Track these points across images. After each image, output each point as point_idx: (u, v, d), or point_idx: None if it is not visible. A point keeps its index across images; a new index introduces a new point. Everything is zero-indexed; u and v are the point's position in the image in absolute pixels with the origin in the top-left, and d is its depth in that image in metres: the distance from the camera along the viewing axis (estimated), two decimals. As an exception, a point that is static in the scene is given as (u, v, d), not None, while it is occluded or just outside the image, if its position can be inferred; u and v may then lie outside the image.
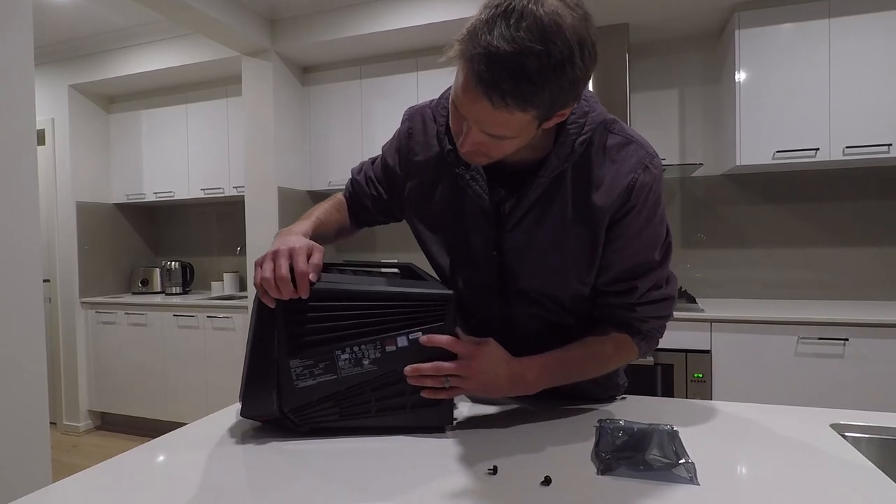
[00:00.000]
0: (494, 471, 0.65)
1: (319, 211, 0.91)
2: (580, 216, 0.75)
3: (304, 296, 0.70)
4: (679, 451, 0.69)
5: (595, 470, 0.66)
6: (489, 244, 0.80)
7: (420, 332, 0.75)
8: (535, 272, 0.80)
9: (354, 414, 0.76)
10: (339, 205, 0.98)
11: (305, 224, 0.83)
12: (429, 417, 0.78)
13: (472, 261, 0.83)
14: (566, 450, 0.72)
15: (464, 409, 0.89)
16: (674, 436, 0.74)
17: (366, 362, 0.74)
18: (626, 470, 0.65)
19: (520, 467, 0.66)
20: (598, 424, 0.80)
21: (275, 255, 0.70)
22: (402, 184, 0.89)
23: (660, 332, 0.86)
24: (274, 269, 0.69)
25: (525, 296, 0.83)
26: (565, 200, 0.75)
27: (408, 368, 0.73)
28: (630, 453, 0.70)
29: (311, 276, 0.70)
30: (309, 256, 0.72)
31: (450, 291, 0.76)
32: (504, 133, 0.63)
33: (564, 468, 0.66)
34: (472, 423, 0.83)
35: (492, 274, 0.82)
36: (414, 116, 0.88)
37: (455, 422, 0.81)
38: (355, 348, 0.74)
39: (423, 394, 0.75)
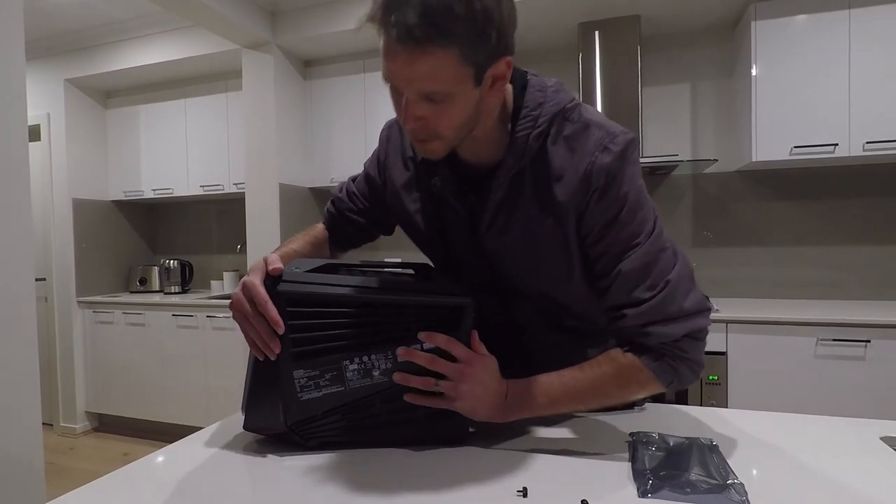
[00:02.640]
0: (524, 493, 0.59)
1: (292, 244, 0.89)
2: (545, 212, 0.71)
3: (280, 330, 0.66)
4: (725, 470, 0.63)
5: (635, 491, 0.60)
6: (470, 248, 0.78)
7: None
8: (519, 273, 0.77)
9: (363, 428, 0.70)
10: (315, 234, 0.96)
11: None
12: (443, 431, 0.72)
13: (466, 264, 0.81)
14: (599, 467, 0.66)
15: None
16: (714, 451, 0.69)
17: (376, 373, 0.69)
18: (671, 493, 0.59)
19: (551, 488, 0.60)
20: (630, 439, 0.74)
21: (234, 308, 0.68)
22: (382, 193, 0.89)
23: (682, 351, 0.69)
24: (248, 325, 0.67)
25: (521, 294, 0.79)
26: (528, 199, 0.71)
27: (400, 350, 0.67)
28: (671, 471, 0.63)
29: (274, 268, 0.67)
30: (266, 275, 0.68)
31: (467, 298, 0.70)
32: (438, 87, 0.59)
33: (601, 489, 0.60)
34: (491, 436, 0.77)
35: (482, 276, 0.80)
36: (392, 126, 0.88)
37: (472, 434, 0.75)
38: (364, 358, 0.68)
39: (406, 397, 0.69)
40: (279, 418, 0.68)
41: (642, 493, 0.59)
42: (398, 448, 0.71)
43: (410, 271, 0.82)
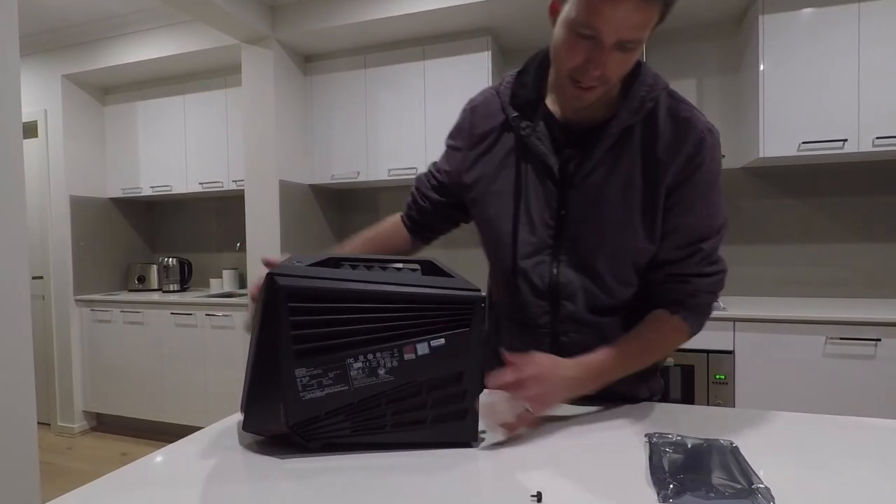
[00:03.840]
0: (539, 497, 0.55)
1: (353, 243, 0.95)
2: (647, 171, 0.77)
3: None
4: (748, 474, 0.60)
5: (655, 495, 0.56)
6: (553, 203, 0.82)
7: (443, 339, 0.66)
8: (598, 230, 0.80)
9: (367, 429, 0.67)
10: (380, 229, 1.02)
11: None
12: (452, 432, 0.69)
13: (531, 224, 0.84)
14: (616, 470, 0.63)
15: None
16: (735, 453, 0.66)
17: (381, 371, 0.65)
18: (693, 498, 0.56)
19: (568, 492, 0.57)
20: (647, 439, 0.71)
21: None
22: (465, 158, 0.92)
23: (710, 309, 0.85)
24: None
25: (577, 264, 0.82)
26: (634, 155, 0.77)
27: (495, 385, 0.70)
28: (691, 475, 0.60)
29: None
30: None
31: (478, 292, 0.67)
32: (641, 35, 0.66)
33: (619, 493, 0.57)
34: (503, 437, 0.74)
35: (547, 238, 0.83)
36: (476, 98, 0.94)
37: (483, 436, 0.72)
38: (370, 356, 0.65)
39: (502, 431, 0.71)
40: (280, 419, 0.65)
41: (663, 498, 0.56)
42: (405, 450, 0.68)
43: (416, 266, 0.79)
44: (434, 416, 0.68)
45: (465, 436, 0.69)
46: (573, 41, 0.68)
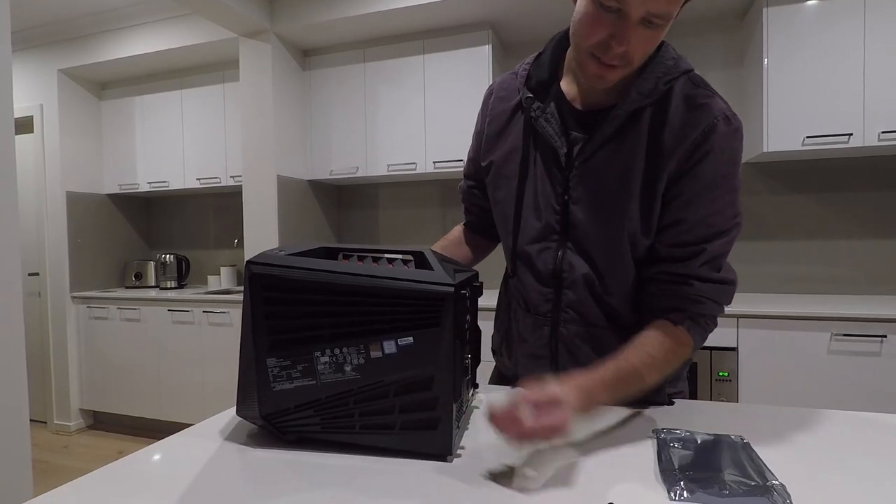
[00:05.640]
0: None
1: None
2: (651, 157, 0.73)
3: None
4: (762, 471, 0.57)
5: (665, 493, 0.54)
6: (558, 187, 0.79)
7: (411, 338, 0.61)
8: (595, 216, 0.77)
9: (337, 428, 0.64)
10: (448, 237, 1.03)
11: None
12: (423, 442, 0.63)
13: (538, 209, 0.82)
14: (623, 465, 0.61)
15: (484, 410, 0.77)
16: (746, 448, 0.63)
17: (348, 368, 0.63)
18: (706, 496, 0.53)
19: (573, 488, 0.54)
20: (653, 435, 0.68)
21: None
22: (482, 140, 0.91)
23: (713, 322, 0.77)
24: None
25: (580, 251, 0.80)
26: (639, 140, 0.74)
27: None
28: (703, 472, 0.58)
29: None
30: None
31: (449, 288, 0.61)
32: (670, 9, 0.62)
33: (627, 490, 0.54)
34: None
35: (554, 223, 0.81)
36: (496, 81, 0.93)
37: (460, 452, 0.65)
38: (336, 350, 0.62)
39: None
40: (256, 409, 0.65)
41: (675, 495, 0.53)
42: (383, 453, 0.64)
43: (409, 258, 0.76)
44: (403, 423, 0.63)
45: (437, 448, 0.62)
46: (596, 14, 0.65)
